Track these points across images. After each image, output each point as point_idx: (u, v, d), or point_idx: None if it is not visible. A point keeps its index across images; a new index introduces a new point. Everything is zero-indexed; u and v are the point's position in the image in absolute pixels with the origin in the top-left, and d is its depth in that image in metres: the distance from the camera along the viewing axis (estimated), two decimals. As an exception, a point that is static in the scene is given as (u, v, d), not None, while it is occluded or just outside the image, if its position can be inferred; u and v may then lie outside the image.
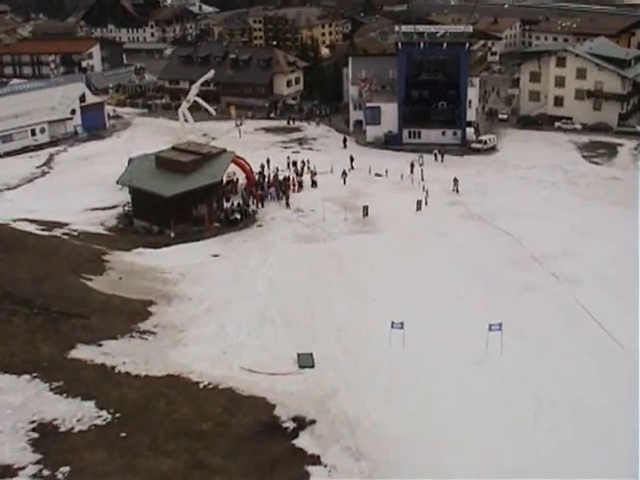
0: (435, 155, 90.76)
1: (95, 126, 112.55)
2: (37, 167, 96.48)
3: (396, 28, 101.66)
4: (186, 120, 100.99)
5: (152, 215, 70.06)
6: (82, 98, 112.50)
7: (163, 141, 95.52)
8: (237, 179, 79.62)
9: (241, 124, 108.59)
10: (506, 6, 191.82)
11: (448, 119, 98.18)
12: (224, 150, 73.52)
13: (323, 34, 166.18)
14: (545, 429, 37.96)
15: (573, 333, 47.56)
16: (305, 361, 43.32)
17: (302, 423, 37.14)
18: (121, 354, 41.71)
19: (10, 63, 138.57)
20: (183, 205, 68.15)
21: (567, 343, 46.22)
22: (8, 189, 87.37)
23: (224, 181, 77.96)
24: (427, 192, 74.34)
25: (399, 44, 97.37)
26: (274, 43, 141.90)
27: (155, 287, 53.08)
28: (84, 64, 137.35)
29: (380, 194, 76.83)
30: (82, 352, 41.14)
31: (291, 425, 36.92)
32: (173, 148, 73.69)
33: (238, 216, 70.22)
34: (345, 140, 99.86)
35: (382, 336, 45.00)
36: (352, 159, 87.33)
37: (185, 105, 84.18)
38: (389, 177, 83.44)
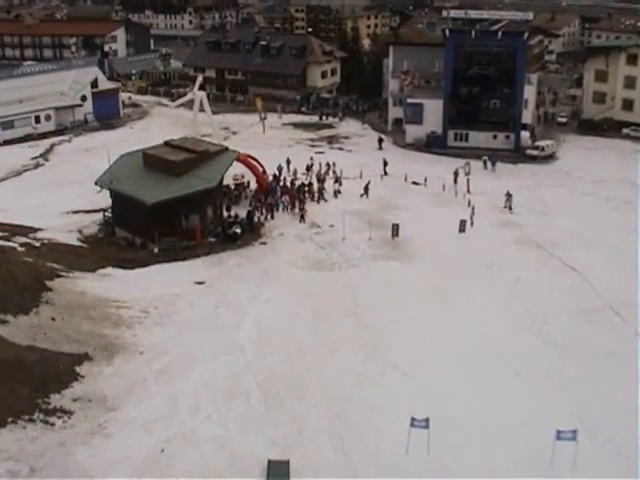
0: (484, 162, 74.54)
1: (108, 114, 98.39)
2: (32, 158, 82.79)
3: (444, 13, 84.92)
4: (202, 110, 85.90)
5: (134, 225, 55.19)
6: (94, 84, 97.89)
7: (180, 134, 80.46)
8: (248, 183, 64.20)
9: (265, 118, 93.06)
10: (564, 3, 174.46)
11: (500, 120, 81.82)
12: (226, 149, 58.04)
13: (368, 26, 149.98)
14: None
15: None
16: (277, 473, 27.74)
17: None
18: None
19: (30, 45, 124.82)
20: (170, 214, 53.04)
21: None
22: (-9, 183, 73.36)
23: (232, 186, 62.88)
24: (473, 208, 58.27)
25: (446, 32, 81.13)
26: (309, 30, 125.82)
27: (99, 332, 37.85)
28: (106, 48, 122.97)
29: (415, 208, 60.87)
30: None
31: None
32: (166, 144, 58.43)
33: (238, 230, 54.80)
34: (381, 140, 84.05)
35: (399, 434, 29.30)
36: (385, 163, 71.55)
37: (197, 92, 69.05)
38: (428, 187, 67.47)
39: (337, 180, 65.93)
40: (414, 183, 68.50)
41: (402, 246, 53.06)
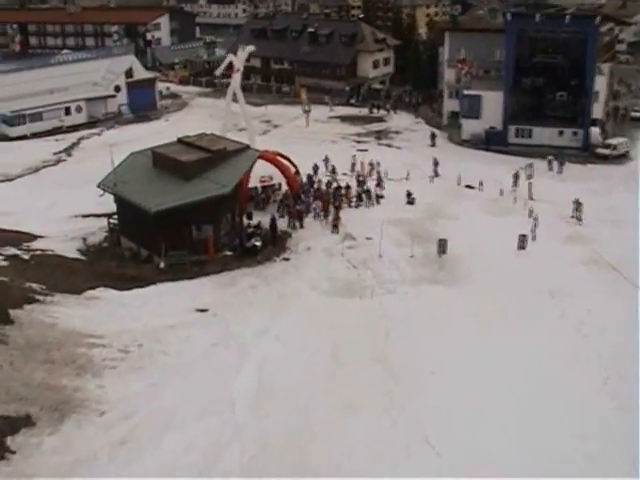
0: (550, 162, 64.61)
1: (143, 106, 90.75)
2: (54, 153, 75.47)
3: (507, -4, 74.94)
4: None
5: (140, 235, 47.18)
6: (129, 73, 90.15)
7: (218, 127, 72.91)
8: (279, 186, 55.62)
9: (309, 110, 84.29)
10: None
11: (568, 115, 71.78)
12: (247, 147, 49.25)
13: (427, 15, 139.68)
14: None
15: None
16: None
17: None
18: None
19: (73, 34, 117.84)
20: (178, 224, 44.83)
21: None
22: (5, 180, 66.18)
23: (259, 189, 54.38)
24: (535, 219, 48.85)
25: (508, 16, 71.23)
26: (360, 16, 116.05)
27: (54, 383, 29.61)
28: (149, 36, 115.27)
29: (468, 217, 51.54)
30: None
31: None
32: (179, 141, 50.06)
33: (258, 243, 46.24)
34: (434, 136, 74.62)
35: None
36: (436, 163, 62.21)
37: (237, 76, 60.31)
38: (484, 191, 58.03)
39: (379, 183, 56.81)
40: (468, 187, 59.13)
41: (449, 266, 43.89)
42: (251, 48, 61.90)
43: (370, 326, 36.16)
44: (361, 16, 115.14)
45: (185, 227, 45.33)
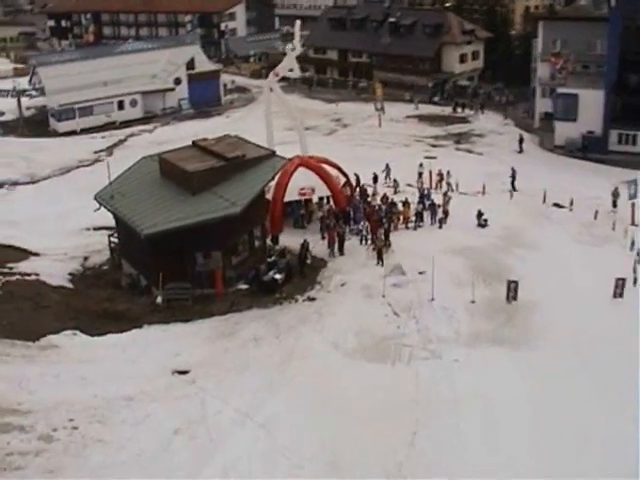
0: (658, 176, 51.97)
1: (206, 100, 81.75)
2: (95, 152, 66.68)
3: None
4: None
5: (138, 260, 37.51)
6: (190, 65, 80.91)
7: (284, 126, 63.17)
8: (324, 201, 45.23)
9: (382, 108, 73.37)
10: None
11: (683, 119, 58.64)
12: (271, 154, 38.66)
13: (527, 8, 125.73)
14: None
15: None
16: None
17: None
18: None
19: (146, 23, 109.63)
20: (179, 250, 34.79)
21: None
22: (28, 182, 58.04)
23: (302, 202, 44.27)
24: (639, 253, 36.85)
25: (612, 1, 58.59)
26: (446, 5, 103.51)
27: None
28: (223, 26, 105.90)
29: (552, 248, 39.97)
30: None
31: None
32: (194, 144, 40.01)
33: (278, 277, 35.79)
34: (521, 140, 62.54)
35: None
36: (514, 176, 50.61)
37: (274, 79, 50.14)
38: (575, 212, 45.97)
39: (446, 199, 45.54)
40: (556, 205, 47.26)
41: (520, 317, 32.49)
42: (296, 48, 51.01)
43: (394, 414, 25.29)
44: (447, 5, 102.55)
45: (187, 254, 35.28)
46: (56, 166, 61.52)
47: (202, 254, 35.45)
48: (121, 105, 76.49)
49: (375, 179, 50.82)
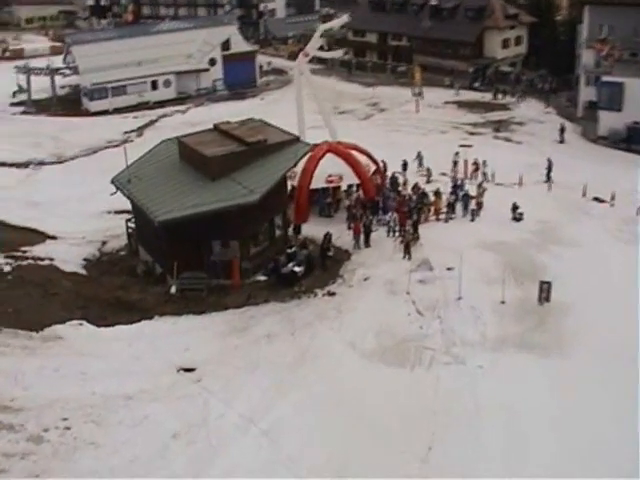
0: None
1: (241, 82, 79.84)
2: (125, 132, 65.03)
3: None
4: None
5: (153, 247, 35.92)
6: (226, 45, 79.09)
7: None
8: (353, 189, 43.24)
9: (420, 93, 70.97)
10: None
11: None
12: (294, 140, 36.68)
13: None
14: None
15: None
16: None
17: None
18: None
19: (185, 3, 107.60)
20: (196, 238, 33.08)
21: None
22: (54, 162, 56.77)
23: (329, 190, 42.40)
24: (684, 256, 34.41)
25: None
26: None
27: None
28: (262, 7, 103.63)
29: (590, 245, 37.52)
30: None
31: None
32: (215, 128, 38.14)
33: (298, 269, 33.88)
34: (563, 130, 59.76)
35: None
36: (549, 167, 48.07)
37: (303, 60, 48.21)
38: (617, 207, 43.37)
39: (480, 189, 43.17)
40: (596, 200, 44.65)
41: (552, 321, 30.23)
42: (326, 26, 48.95)
43: (409, 425, 23.33)
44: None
45: (204, 243, 33.54)
46: (84, 146, 60.13)
47: (219, 243, 33.67)
48: (154, 85, 74.96)
49: (405, 166, 48.58)
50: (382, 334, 28.95)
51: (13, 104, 74.84)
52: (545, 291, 31.24)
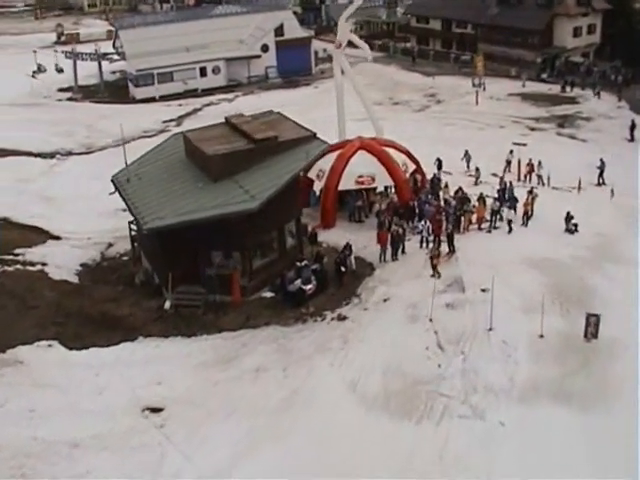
0: None
1: (295, 69, 75.25)
2: (164, 122, 61.11)
3: None
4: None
5: (152, 256, 31.61)
6: (279, 31, 74.54)
7: (375, 98, 58.06)
8: (390, 191, 38.42)
9: (480, 85, 65.26)
10: None
11: None
12: (310, 137, 31.79)
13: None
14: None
15: None
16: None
17: None
18: None
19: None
20: (193, 248, 28.67)
21: None
22: (82, 153, 53.44)
23: (363, 194, 37.72)
24: None
25: None
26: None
27: None
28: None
29: (650, 266, 31.61)
30: None
31: None
32: (226, 121, 33.57)
33: (308, 287, 29.10)
34: (633, 127, 53.45)
35: None
36: (602, 168, 42.22)
37: (338, 51, 43.19)
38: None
39: (531, 194, 37.57)
40: (666, 209, 38.63)
41: (598, 363, 24.76)
42: (347, 13, 43.96)
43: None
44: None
45: (202, 253, 29.11)
46: (117, 136, 55.90)
47: (219, 254, 29.22)
48: (203, 72, 70.97)
49: (439, 165, 43.22)
50: (390, 373, 24.03)
51: (61, 89, 71.89)
52: (593, 325, 25.79)
